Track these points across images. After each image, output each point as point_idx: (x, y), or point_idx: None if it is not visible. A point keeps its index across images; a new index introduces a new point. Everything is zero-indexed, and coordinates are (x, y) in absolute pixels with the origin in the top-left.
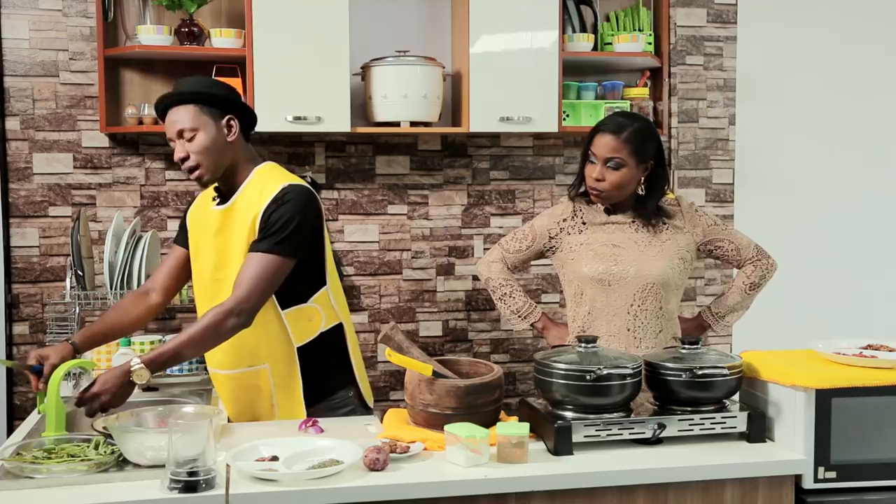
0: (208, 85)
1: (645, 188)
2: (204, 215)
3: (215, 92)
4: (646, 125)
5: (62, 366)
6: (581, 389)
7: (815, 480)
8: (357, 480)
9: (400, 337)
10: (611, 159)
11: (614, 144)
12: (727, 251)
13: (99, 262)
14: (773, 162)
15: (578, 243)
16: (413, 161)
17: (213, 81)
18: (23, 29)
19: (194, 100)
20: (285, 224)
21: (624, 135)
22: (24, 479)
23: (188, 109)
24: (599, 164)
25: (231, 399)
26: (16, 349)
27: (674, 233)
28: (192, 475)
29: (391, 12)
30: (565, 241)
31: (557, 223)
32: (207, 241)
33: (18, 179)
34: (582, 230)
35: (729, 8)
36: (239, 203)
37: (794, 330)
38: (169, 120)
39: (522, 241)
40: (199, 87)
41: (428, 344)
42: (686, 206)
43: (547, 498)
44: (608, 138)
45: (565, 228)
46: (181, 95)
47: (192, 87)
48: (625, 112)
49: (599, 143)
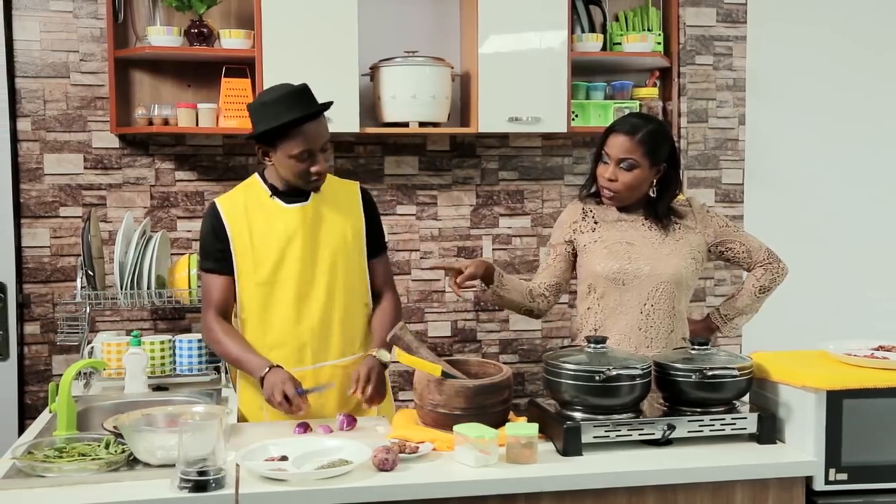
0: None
1: (656, 191)
2: (269, 215)
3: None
4: (660, 127)
5: (73, 366)
6: (590, 390)
7: (826, 482)
8: (366, 480)
9: (409, 337)
10: (624, 160)
11: (628, 145)
12: (738, 253)
13: (109, 262)
14: (784, 162)
15: (592, 241)
16: (422, 161)
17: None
18: (34, 30)
19: (325, 110)
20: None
21: (638, 136)
22: (35, 477)
23: (323, 121)
24: (612, 164)
25: (336, 388)
26: (27, 349)
27: (686, 232)
28: (201, 475)
29: (400, 13)
30: (579, 240)
31: (570, 227)
32: (287, 236)
33: (30, 180)
34: (594, 228)
35: (739, 7)
36: (323, 200)
37: (805, 331)
38: (314, 133)
39: (544, 261)
40: (318, 99)
41: (437, 344)
42: (697, 207)
43: (556, 499)
44: (622, 138)
45: (577, 230)
46: (324, 106)
47: (315, 99)
48: (640, 113)
49: (613, 144)
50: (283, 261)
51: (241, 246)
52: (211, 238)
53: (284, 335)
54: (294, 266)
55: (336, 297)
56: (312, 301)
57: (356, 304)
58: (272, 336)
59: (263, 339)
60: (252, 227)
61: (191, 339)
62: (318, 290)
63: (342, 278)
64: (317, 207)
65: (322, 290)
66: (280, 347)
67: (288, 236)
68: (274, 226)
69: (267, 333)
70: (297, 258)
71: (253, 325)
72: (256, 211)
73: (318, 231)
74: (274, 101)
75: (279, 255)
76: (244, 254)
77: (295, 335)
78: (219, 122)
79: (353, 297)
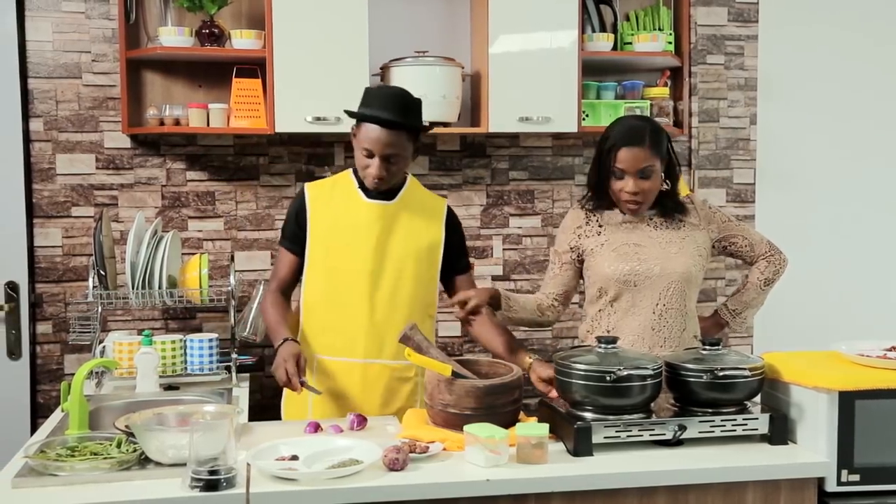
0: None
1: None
2: (349, 208)
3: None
4: (654, 123)
5: (85, 365)
6: (601, 390)
7: (839, 483)
8: (376, 480)
9: (419, 337)
10: (643, 170)
11: (642, 155)
12: (741, 247)
13: (121, 261)
14: (795, 162)
15: (598, 244)
16: (432, 161)
17: (417, 104)
18: (46, 31)
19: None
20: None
21: (647, 142)
22: (47, 476)
23: (396, 135)
24: (631, 177)
25: (381, 390)
26: (39, 348)
27: (691, 230)
28: (212, 474)
29: (410, 13)
30: (585, 245)
31: (574, 233)
32: (362, 228)
33: (42, 180)
34: (600, 231)
35: (750, 7)
36: (407, 206)
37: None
38: (381, 139)
39: (550, 269)
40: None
41: (447, 344)
42: (699, 203)
43: (566, 499)
44: (635, 151)
45: (582, 235)
46: (400, 123)
47: (416, 114)
48: (631, 118)
49: (626, 158)
50: (354, 252)
51: (317, 232)
52: (293, 218)
53: (341, 323)
54: (362, 259)
55: (398, 301)
56: (374, 298)
57: (420, 312)
58: (330, 321)
59: (322, 323)
60: (333, 214)
61: (202, 339)
62: (382, 289)
63: (409, 283)
64: (398, 210)
65: (386, 289)
66: (334, 333)
67: (363, 229)
68: (353, 217)
69: (326, 318)
70: (367, 252)
71: (315, 309)
72: (340, 200)
73: (394, 232)
74: (376, 93)
75: (351, 246)
76: (318, 239)
77: (351, 326)
78: (230, 122)
79: (417, 305)
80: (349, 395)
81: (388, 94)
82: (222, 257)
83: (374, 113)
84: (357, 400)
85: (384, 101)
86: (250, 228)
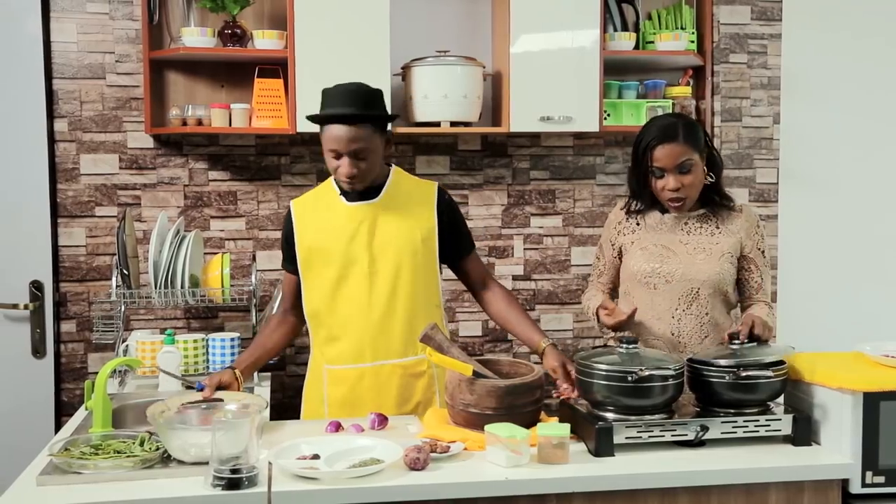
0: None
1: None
2: (333, 216)
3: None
4: (687, 118)
5: (108, 364)
6: (622, 390)
7: (863, 485)
8: (397, 479)
9: (440, 337)
10: (681, 165)
11: (679, 150)
12: (750, 280)
13: (144, 261)
14: (819, 161)
15: (630, 242)
16: (453, 161)
17: (375, 94)
18: (71, 32)
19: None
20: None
21: (681, 136)
22: (71, 474)
23: (356, 129)
24: (671, 174)
25: (395, 389)
26: (63, 347)
27: (728, 236)
28: (234, 472)
29: (431, 12)
30: (622, 241)
31: (614, 228)
32: (350, 233)
33: (66, 180)
34: (635, 230)
35: (773, 5)
36: (393, 200)
37: (841, 332)
38: (340, 136)
39: (598, 263)
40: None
41: (468, 344)
42: (749, 214)
43: (587, 499)
44: (670, 147)
45: (622, 231)
46: (354, 116)
47: (372, 104)
48: (662, 116)
49: (662, 155)
50: (345, 258)
51: (306, 247)
52: (285, 239)
53: (344, 330)
54: (356, 263)
55: (399, 297)
56: (374, 299)
57: (424, 305)
58: (334, 331)
59: (326, 334)
60: (318, 226)
61: (223, 338)
62: (379, 289)
63: (407, 278)
64: (384, 206)
65: (384, 289)
66: (340, 341)
67: (350, 234)
68: (337, 223)
69: (328, 328)
70: (358, 255)
71: (316, 321)
72: (324, 210)
73: (383, 230)
74: (332, 92)
75: (341, 252)
76: (309, 254)
77: (354, 331)
78: (252, 122)
79: (420, 299)
80: (364, 400)
81: (343, 91)
82: (244, 257)
83: (332, 112)
84: (373, 404)
85: (341, 98)
86: (272, 228)
